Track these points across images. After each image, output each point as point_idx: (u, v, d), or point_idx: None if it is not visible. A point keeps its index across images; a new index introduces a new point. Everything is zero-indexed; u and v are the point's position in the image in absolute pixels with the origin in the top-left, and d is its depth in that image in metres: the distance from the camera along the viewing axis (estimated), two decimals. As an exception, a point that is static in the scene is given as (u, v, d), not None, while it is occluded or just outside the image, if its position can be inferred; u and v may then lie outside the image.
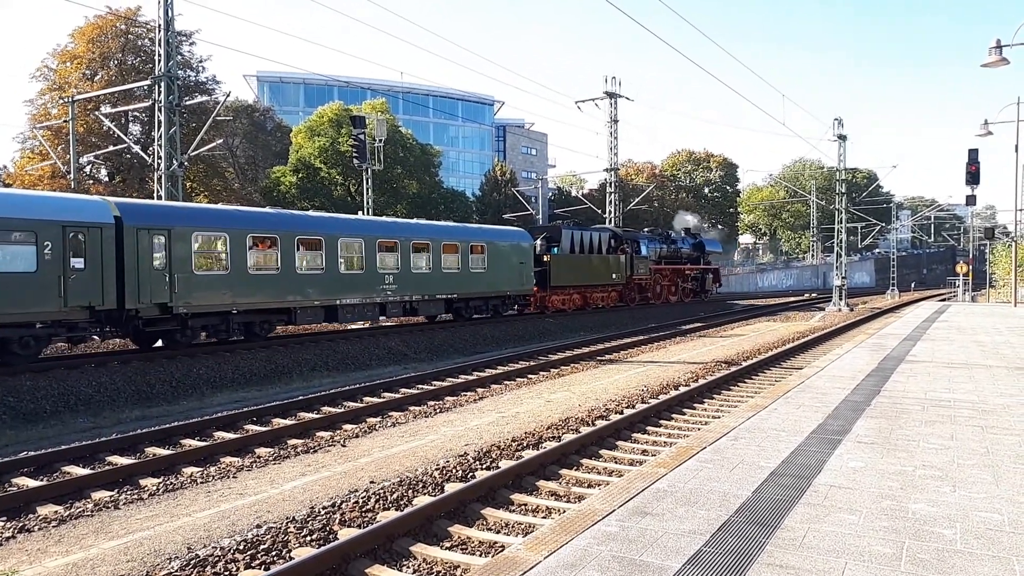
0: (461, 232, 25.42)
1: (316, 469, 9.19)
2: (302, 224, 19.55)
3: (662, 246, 38.14)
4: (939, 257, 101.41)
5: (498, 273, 25.90)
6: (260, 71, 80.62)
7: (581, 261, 31.09)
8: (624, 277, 33.60)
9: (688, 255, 40.94)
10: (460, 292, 24.26)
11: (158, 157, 23.11)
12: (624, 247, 34.04)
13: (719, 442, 7.25)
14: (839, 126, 39.74)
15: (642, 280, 35.44)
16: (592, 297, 32.04)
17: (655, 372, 16.97)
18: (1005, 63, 20.36)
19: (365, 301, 20.59)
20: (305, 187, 50.07)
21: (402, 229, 22.55)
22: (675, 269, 39.19)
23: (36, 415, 12.57)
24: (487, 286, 25.48)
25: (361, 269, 20.53)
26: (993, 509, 5.25)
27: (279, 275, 18.23)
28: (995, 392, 10.05)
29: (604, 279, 32.52)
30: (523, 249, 27.35)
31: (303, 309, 19.00)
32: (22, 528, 7.18)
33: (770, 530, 4.86)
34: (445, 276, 23.57)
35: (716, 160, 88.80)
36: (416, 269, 22.31)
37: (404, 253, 21.88)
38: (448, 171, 75.99)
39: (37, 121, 38.94)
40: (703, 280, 41.91)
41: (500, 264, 25.95)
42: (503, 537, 6.74)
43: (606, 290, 33.02)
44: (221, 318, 17.33)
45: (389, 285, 21.31)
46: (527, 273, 27.31)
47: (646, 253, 35.77)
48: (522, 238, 27.93)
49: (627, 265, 33.85)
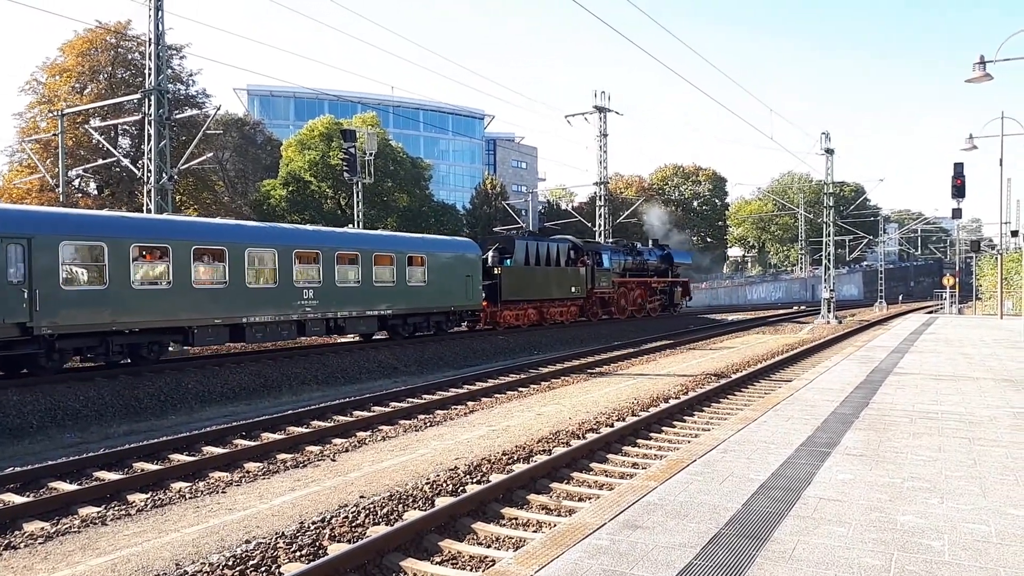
0: (397, 242, 23.48)
1: (306, 484, 9.15)
2: (200, 232, 17.55)
3: (627, 258, 36.79)
4: (926, 270, 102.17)
5: (441, 287, 23.90)
6: (250, 85, 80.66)
7: (536, 274, 29.38)
8: (584, 291, 32.22)
9: (655, 267, 39.55)
10: (396, 308, 22.24)
11: (148, 171, 23.06)
12: (585, 259, 32.66)
13: (709, 455, 7.27)
14: (826, 140, 40.13)
15: (605, 294, 34.09)
16: (550, 312, 30.45)
17: (645, 385, 17.00)
18: (988, 79, 20.63)
19: (279, 319, 18.44)
20: (295, 201, 50.02)
21: (324, 238, 20.76)
22: (641, 282, 37.81)
23: (22, 430, 12.46)
24: (428, 301, 23.48)
25: (274, 283, 18.41)
26: (981, 520, 5.28)
27: (171, 290, 16.16)
28: (982, 404, 10.13)
29: (562, 293, 30.97)
30: (470, 261, 25.43)
31: (202, 328, 16.90)
32: (8, 545, 7.11)
33: (760, 543, 4.87)
34: (378, 290, 21.47)
35: (705, 174, 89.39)
36: (342, 283, 20.30)
37: (327, 265, 19.79)
38: (439, 184, 76.10)
39: (26, 134, 38.77)
40: (671, 293, 40.54)
41: (444, 277, 23.97)
42: (494, 551, 6.72)
43: (565, 304, 31.47)
44: (98, 339, 15.21)
45: (308, 301, 19.19)
46: (475, 287, 25.43)
47: (609, 265, 34.37)
48: (469, 249, 26.08)
49: (588, 278, 32.46)
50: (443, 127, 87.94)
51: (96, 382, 14.75)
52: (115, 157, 32.36)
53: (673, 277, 40.65)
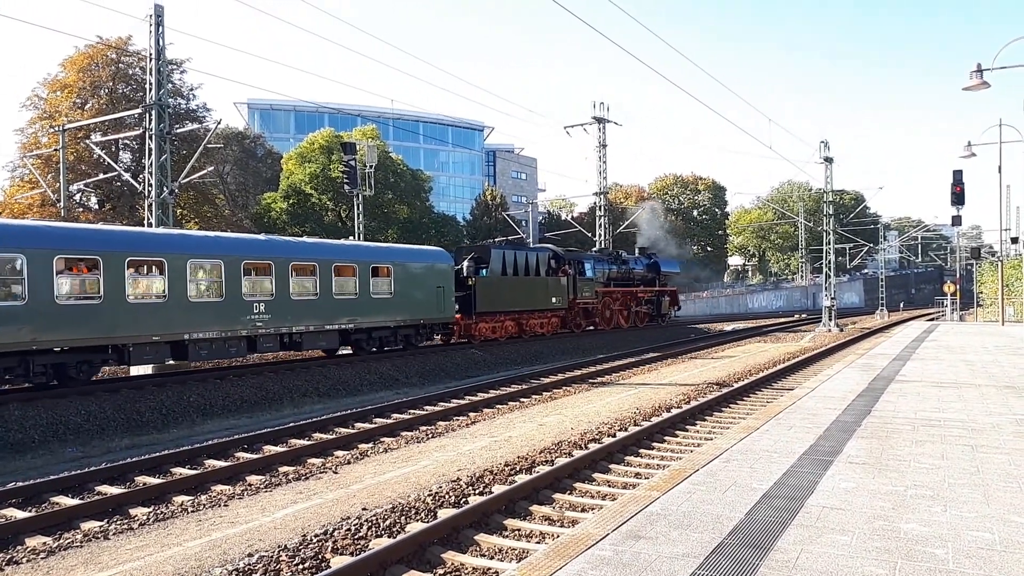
0: (358, 252, 22.04)
1: (308, 496, 9.13)
2: (136, 243, 16.36)
3: (611, 267, 35.60)
4: (927, 277, 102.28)
5: (409, 298, 22.58)
6: (251, 99, 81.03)
7: (514, 284, 28.03)
8: (566, 301, 30.92)
9: (642, 276, 38.32)
10: (359, 321, 20.93)
11: (149, 185, 23.14)
12: (566, 268, 31.37)
13: (712, 464, 7.26)
14: (825, 149, 40.23)
15: (588, 304, 32.93)
16: (529, 324, 29.21)
17: (647, 394, 16.98)
18: (986, 86, 20.72)
19: (226, 335, 17.25)
20: (296, 213, 50.14)
21: (277, 248, 19.22)
22: (627, 292, 36.62)
23: (24, 445, 12.45)
24: (395, 314, 22.17)
25: (220, 296, 17.19)
26: (984, 528, 5.27)
27: (102, 305, 14.92)
28: (984, 411, 10.11)
29: (542, 303, 29.62)
30: (441, 271, 24.16)
31: (138, 346, 15.70)
32: (10, 560, 7.10)
33: (763, 552, 4.86)
34: (338, 303, 20.20)
35: (704, 183, 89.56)
36: (298, 295, 19.03)
37: (280, 276, 18.48)
38: (439, 196, 76.27)
39: (27, 150, 38.89)
40: (659, 303, 39.22)
41: (412, 288, 22.71)
42: (497, 563, 6.70)
43: (545, 315, 30.19)
44: (17, 359, 13.99)
45: (260, 315, 17.91)
46: (447, 298, 24.16)
47: (592, 274, 33.08)
48: (440, 259, 24.71)
49: (569, 288, 31.17)
50: (443, 139, 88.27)
51: (98, 396, 14.74)
52: (116, 172, 32.46)
53: (661, 286, 39.52)
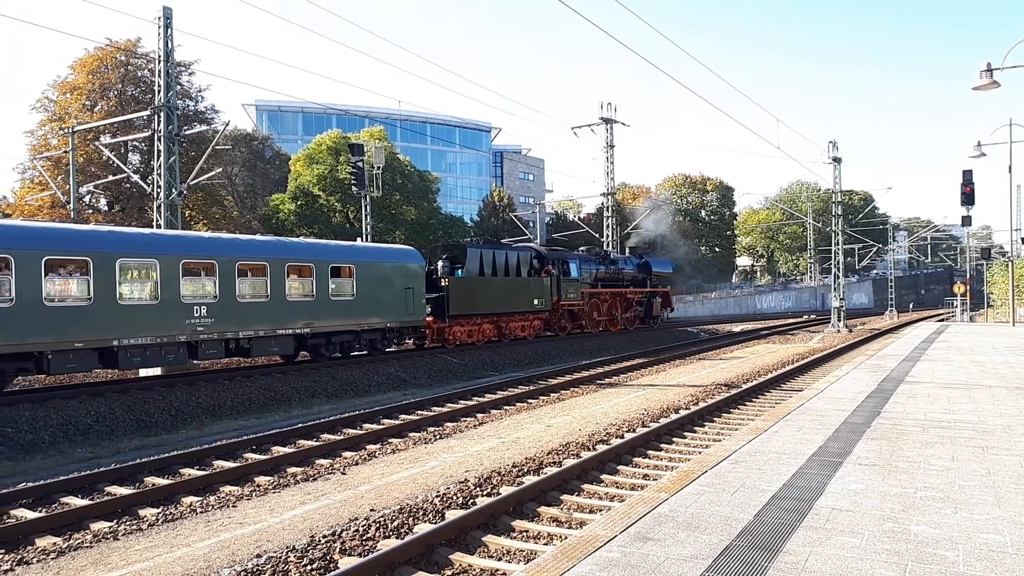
0: (316, 250, 20.65)
1: (316, 497, 9.15)
2: (55, 240, 14.89)
3: (599, 267, 34.13)
4: (936, 277, 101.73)
5: (374, 300, 21.16)
6: (258, 100, 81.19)
7: (492, 285, 26.68)
8: (549, 302, 29.51)
9: (632, 277, 36.83)
10: (316, 325, 19.50)
11: (157, 186, 23.23)
12: (549, 268, 29.99)
13: (720, 466, 7.24)
14: (834, 149, 40.05)
15: (573, 306, 31.56)
16: (509, 327, 27.75)
17: (655, 395, 16.95)
18: (996, 86, 20.59)
19: (162, 340, 15.93)
20: (304, 214, 50.27)
21: (221, 247, 17.77)
22: (615, 293, 35.15)
23: (34, 445, 12.52)
24: (358, 317, 20.77)
25: (155, 299, 15.85)
26: (996, 530, 5.24)
27: (13, 308, 13.66)
28: (995, 412, 10.05)
29: (523, 305, 28.22)
30: (411, 271, 22.73)
31: (59, 353, 14.40)
32: (21, 560, 7.14)
33: (772, 554, 4.84)
34: (292, 305, 18.86)
35: (712, 184, 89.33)
36: (244, 297, 17.70)
37: (225, 277, 17.16)
38: (446, 197, 76.30)
39: (37, 152, 39.16)
40: (650, 305, 37.75)
41: (378, 289, 21.30)
42: (504, 564, 6.70)
43: (527, 318, 28.75)
44: None
45: (201, 318, 16.66)
46: (417, 300, 22.74)
47: (577, 275, 31.64)
48: (409, 258, 23.26)
49: (552, 288, 29.74)
50: (450, 140, 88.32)
51: (107, 397, 14.83)
52: (125, 173, 32.58)
53: (652, 287, 38.13)
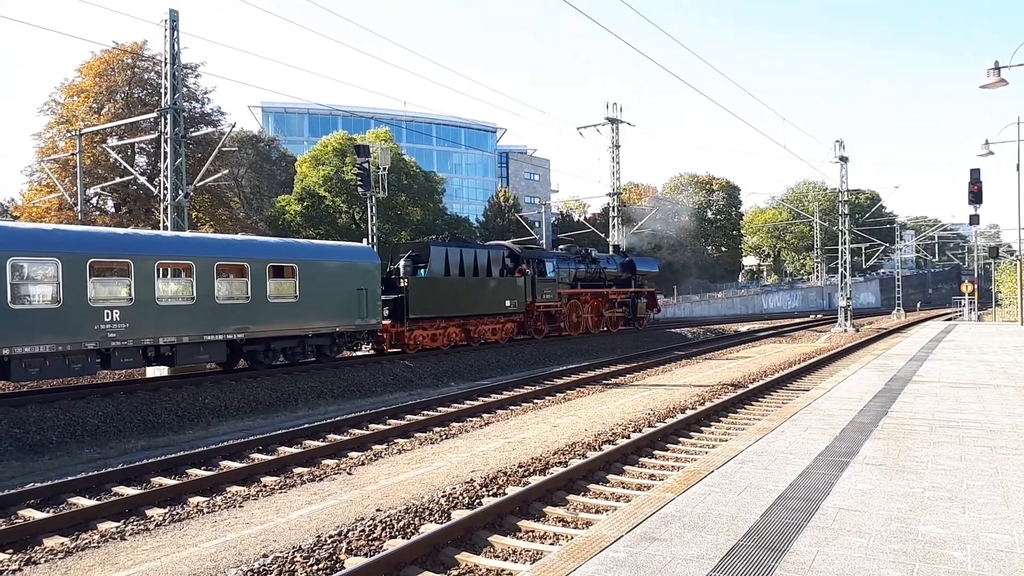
0: (251, 248, 18.49)
1: (322, 498, 9.16)
2: None
3: (578, 266, 32.49)
4: (944, 277, 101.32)
5: (321, 303, 19.40)
6: (264, 102, 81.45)
7: (458, 285, 25.02)
8: (522, 304, 27.78)
9: (615, 276, 35.14)
10: (252, 330, 17.71)
11: (164, 188, 23.32)
12: (523, 267, 28.33)
13: (727, 466, 7.22)
14: (840, 148, 39.88)
15: (551, 307, 29.83)
16: (479, 330, 26.02)
17: (661, 395, 16.92)
18: (1004, 84, 20.50)
19: (64, 348, 14.25)
20: (310, 215, 50.38)
21: (137, 244, 15.98)
22: (596, 293, 33.43)
23: (42, 446, 12.58)
24: (302, 321, 19.02)
25: (56, 302, 14.21)
26: (1004, 530, 5.21)
27: None
28: (1003, 412, 10.00)
29: (494, 307, 26.46)
30: (364, 271, 20.86)
31: None
32: (28, 560, 7.17)
33: (779, 554, 4.83)
34: (223, 308, 17.11)
35: (718, 183, 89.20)
36: (165, 299, 16.04)
37: (142, 277, 15.49)
38: (452, 198, 76.43)
39: (45, 154, 39.34)
40: (634, 306, 35.97)
41: (325, 291, 19.52)
42: (511, 564, 6.69)
43: (498, 321, 27.00)
44: None
45: (113, 324, 14.99)
46: (371, 302, 20.82)
47: (553, 274, 29.96)
48: (362, 256, 21.41)
49: (526, 289, 28.04)
50: (456, 141, 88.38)
51: (114, 397, 14.88)
52: (132, 175, 32.77)
53: (637, 287, 36.40)
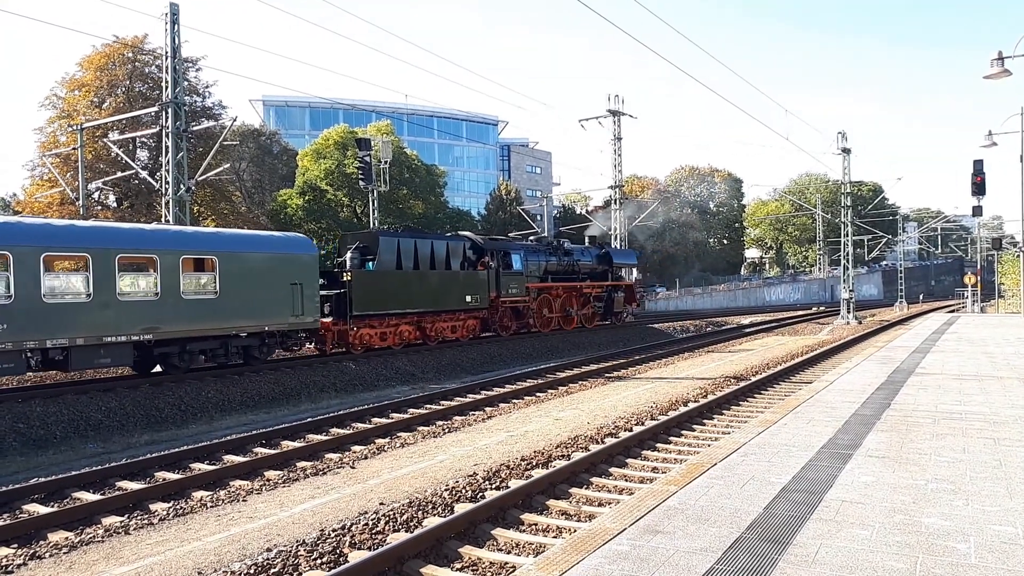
0: (161, 238, 16.26)
1: (326, 491, 9.18)
2: None
3: (548, 259, 30.31)
4: (947, 268, 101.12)
5: (247, 299, 17.29)
6: (265, 95, 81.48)
7: (411, 279, 23.05)
8: (485, 299, 25.82)
9: (590, 269, 33.01)
10: (163, 331, 15.72)
11: (166, 182, 23.31)
12: (487, 260, 26.60)
13: (729, 458, 7.23)
14: (843, 139, 39.80)
15: (518, 302, 27.79)
16: (436, 328, 24.05)
17: (664, 388, 16.92)
18: (1007, 75, 20.40)
19: None
20: (312, 209, 50.39)
21: (17, 235, 13.70)
22: (569, 287, 31.31)
23: (46, 441, 12.61)
24: (223, 319, 16.92)
25: None
26: (1007, 522, 5.21)
27: None
28: (1007, 404, 9.99)
29: (452, 303, 24.45)
30: (299, 264, 18.69)
31: None
32: (33, 555, 7.19)
33: (782, 547, 4.83)
34: (127, 307, 15.16)
35: (720, 175, 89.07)
36: (54, 297, 14.13)
37: (25, 272, 13.48)
38: (453, 191, 76.37)
39: (46, 149, 39.36)
40: (611, 300, 34.07)
41: (250, 286, 17.38)
42: (514, 557, 6.71)
43: (458, 317, 25.12)
44: None
45: None
46: (308, 298, 18.73)
47: (520, 267, 27.94)
48: (296, 247, 19.12)
49: (490, 283, 26.12)
50: (457, 134, 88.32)
51: (118, 392, 14.91)
52: (134, 170, 32.72)
53: (615, 281, 34.57)
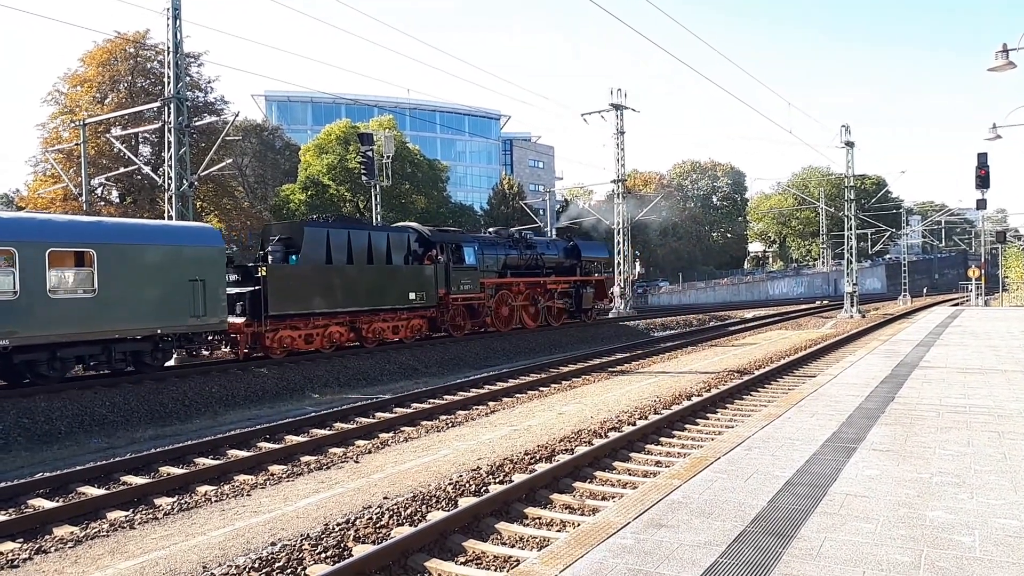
0: (22, 228, 13.90)
1: (329, 486, 9.20)
2: None
3: (508, 252, 27.73)
4: (951, 262, 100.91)
5: (133, 299, 15.08)
6: (268, 91, 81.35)
7: (342, 275, 20.48)
8: (433, 296, 23.32)
9: (556, 264, 30.45)
10: (23, 335, 13.49)
11: (168, 178, 23.29)
12: (434, 253, 24.16)
13: (733, 452, 7.22)
14: (846, 133, 39.66)
15: (472, 299, 25.23)
16: (373, 329, 21.50)
17: (667, 382, 16.91)
18: (1011, 67, 20.28)
19: None
20: (314, 204, 50.38)
21: None
22: (532, 283, 28.75)
23: (51, 436, 12.64)
24: (103, 322, 14.68)
25: None
26: (1012, 515, 5.20)
27: None
28: (1011, 397, 9.97)
29: (393, 300, 21.95)
30: (201, 257, 16.38)
31: None
32: (39, 549, 7.21)
33: (786, 540, 4.83)
34: None
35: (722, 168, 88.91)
36: None
37: None
38: (456, 185, 76.33)
39: (49, 144, 39.37)
40: (579, 296, 31.26)
41: (138, 283, 15.15)
42: (518, 551, 6.71)
43: (400, 316, 22.49)
44: None
45: None
46: (212, 295, 16.44)
47: (474, 261, 25.39)
48: (197, 239, 16.75)
49: (438, 279, 23.57)
50: (459, 128, 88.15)
51: (122, 387, 14.93)
52: (136, 165, 32.73)
53: (584, 275, 31.91)
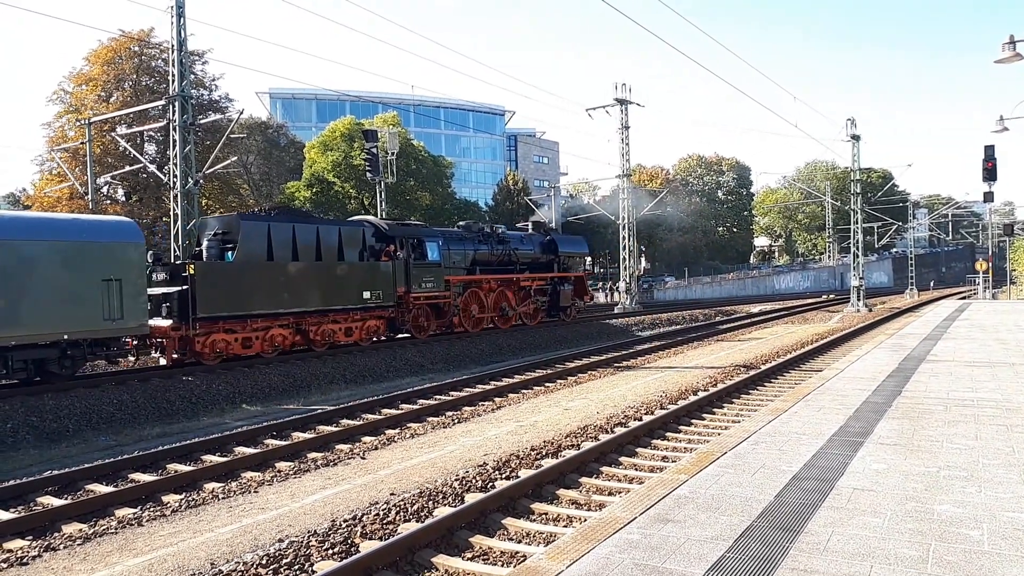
0: None
1: (336, 482, 9.22)
2: None
3: (477, 247, 25.62)
4: (958, 255, 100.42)
5: (32, 300, 13.65)
6: (272, 88, 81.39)
7: (282, 272, 18.58)
8: (391, 295, 21.39)
9: (531, 259, 28.23)
10: None
11: (173, 176, 23.36)
12: (393, 249, 22.14)
13: (740, 447, 7.21)
14: (852, 126, 39.46)
15: (436, 299, 23.25)
16: (323, 331, 19.77)
17: (673, 377, 16.89)
18: (1019, 59, 20.14)
19: None
20: (319, 201, 50.47)
21: None
22: (504, 280, 26.57)
23: (59, 434, 12.70)
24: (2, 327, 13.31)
25: None
26: (1020, 509, 5.18)
27: None
28: (1019, 390, 9.93)
29: (347, 300, 20.12)
30: (115, 254, 14.93)
31: None
32: (48, 547, 7.25)
33: (793, 535, 4.82)
34: None
35: (728, 163, 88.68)
36: None
37: None
38: (461, 182, 76.28)
39: (55, 143, 39.50)
40: (556, 294, 29.15)
41: (39, 283, 13.76)
42: (524, 547, 6.72)
43: (353, 317, 20.62)
44: None
45: None
46: (130, 296, 15.04)
47: (438, 257, 23.35)
48: (110, 234, 15.19)
49: (397, 276, 21.62)
50: (464, 124, 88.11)
51: (129, 385, 14.99)
52: (142, 163, 32.80)
53: (562, 271, 29.67)
